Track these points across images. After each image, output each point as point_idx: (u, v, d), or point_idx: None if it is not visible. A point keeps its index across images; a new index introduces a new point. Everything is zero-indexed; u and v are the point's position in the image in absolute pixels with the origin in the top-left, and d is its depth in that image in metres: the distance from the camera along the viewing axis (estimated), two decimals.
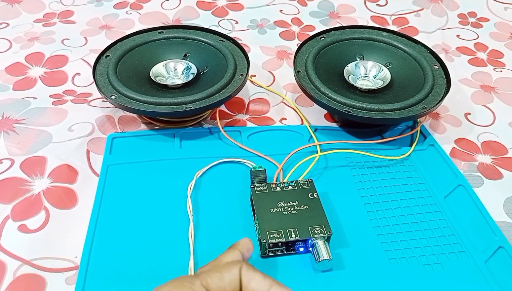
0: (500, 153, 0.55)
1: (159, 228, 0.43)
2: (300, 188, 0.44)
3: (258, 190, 0.43)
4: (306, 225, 0.40)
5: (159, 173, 0.48)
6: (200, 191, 0.47)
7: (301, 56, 0.57)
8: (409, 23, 0.79)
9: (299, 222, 0.40)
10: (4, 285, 0.38)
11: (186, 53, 0.59)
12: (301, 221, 0.40)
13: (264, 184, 0.44)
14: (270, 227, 0.40)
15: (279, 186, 0.44)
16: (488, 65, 0.70)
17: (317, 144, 0.52)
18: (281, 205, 0.42)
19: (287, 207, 0.42)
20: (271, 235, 0.39)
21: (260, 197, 0.43)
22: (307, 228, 0.40)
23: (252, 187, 0.44)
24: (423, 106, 0.51)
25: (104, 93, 0.50)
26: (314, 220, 0.40)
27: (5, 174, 0.48)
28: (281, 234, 0.39)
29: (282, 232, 0.39)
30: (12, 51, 0.67)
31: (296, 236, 0.39)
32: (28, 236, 0.42)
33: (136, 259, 0.40)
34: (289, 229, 0.40)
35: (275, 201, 0.42)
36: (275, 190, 0.43)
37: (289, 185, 0.44)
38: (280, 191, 0.43)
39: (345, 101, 0.50)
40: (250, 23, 0.77)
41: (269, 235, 0.39)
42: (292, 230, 0.40)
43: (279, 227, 0.40)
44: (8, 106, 0.56)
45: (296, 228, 0.40)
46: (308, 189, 0.44)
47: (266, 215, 0.41)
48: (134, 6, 0.80)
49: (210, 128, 0.55)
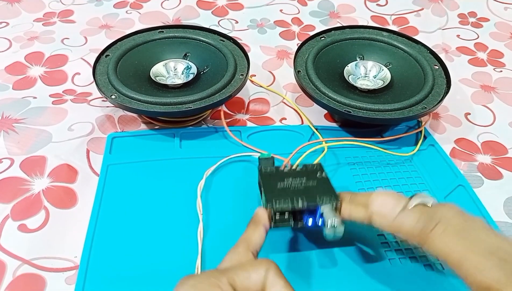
0: (500, 153, 0.55)
1: (159, 227, 0.43)
2: (309, 169, 0.43)
3: (266, 171, 0.43)
4: (314, 195, 0.39)
5: (159, 173, 0.48)
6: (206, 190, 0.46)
7: (301, 56, 0.57)
8: (409, 23, 0.79)
9: (307, 194, 0.39)
10: (4, 285, 0.38)
11: (186, 53, 0.58)
12: (309, 193, 0.39)
13: (272, 167, 0.44)
14: (277, 197, 0.38)
15: (286, 168, 0.43)
16: (488, 65, 0.70)
17: (323, 140, 0.52)
18: (289, 181, 0.41)
19: (295, 182, 0.41)
20: (278, 203, 0.38)
21: (267, 176, 0.42)
22: (314, 197, 0.38)
23: (260, 168, 0.43)
24: (423, 106, 0.51)
25: (104, 92, 0.50)
26: (323, 192, 0.39)
27: (5, 173, 0.48)
28: (287, 202, 0.38)
29: (289, 200, 0.38)
30: (12, 51, 0.67)
31: (303, 204, 0.38)
32: (28, 236, 0.42)
33: (136, 259, 0.40)
34: (296, 197, 0.38)
35: (282, 178, 0.41)
36: (283, 171, 0.43)
37: (297, 168, 0.43)
38: (288, 171, 0.42)
39: (345, 101, 0.50)
40: (250, 23, 0.77)
41: (275, 202, 0.38)
42: (300, 198, 0.38)
43: (286, 196, 0.38)
44: (8, 105, 0.56)
45: (304, 196, 0.38)
46: (317, 170, 0.42)
47: (273, 189, 0.40)
48: (134, 6, 0.80)
49: (210, 128, 0.55)
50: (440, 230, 0.32)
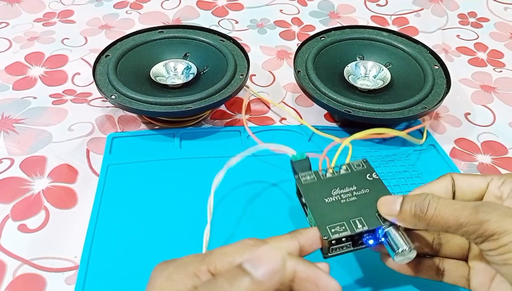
0: (500, 153, 0.55)
1: (159, 228, 0.43)
2: (354, 170, 0.37)
3: (305, 180, 0.36)
4: (372, 211, 0.33)
5: (159, 173, 0.48)
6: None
7: (301, 56, 0.57)
8: (409, 23, 0.79)
9: (362, 209, 0.33)
10: (4, 285, 0.38)
11: (186, 53, 0.59)
12: (365, 208, 0.33)
13: (310, 172, 0.37)
14: (330, 220, 0.33)
15: (328, 171, 0.37)
16: (488, 65, 0.70)
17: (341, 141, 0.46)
18: (337, 193, 0.35)
19: (344, 193, 0.35)
20: (333, 229, 0.32)
21: (309, 188, 0.36)
22: (374, 214, 0.33)
23: (296, 177, 0.37)
24: (423, 106, 0.51)
25: (104, 93, 0.50)
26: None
27: (4, 173, 0.48)
28: (345, 227, 0.32)
29: (345, 224, 0.32)
30: (12, 51, 0.67)
31: (363, 226, 0.32)
32: (28, 236, 0.42)
33: (136, 259, 0.40)
34: (353, 219, 0.33)
35: (328, 189, 0.35)
36: (326, 177, 0.36)
37: (340, 169, 0.37)
38: (331, 177, 0.36)
39: (345, 101, 0.50)
40: (250, 23, 0.77)
41: (330, 230, 0.32)
42: (357, 219, 0.33)
43: (340, 218, 0.33)
44: (8, 106, 0.56)
45: (361, 217, 0.33)
46: (364, 170, 0.37)
47: (321, 207, 0.34)
48: (134, 6, 0.80)
49: (210, 128, 0.55)
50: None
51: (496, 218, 0.28)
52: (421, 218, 0.30)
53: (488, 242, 0.28)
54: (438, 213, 0.29)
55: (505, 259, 0.28)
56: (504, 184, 0.32)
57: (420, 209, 0.30)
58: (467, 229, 0.28)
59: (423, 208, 0.30)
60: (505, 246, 0.27)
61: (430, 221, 0.30)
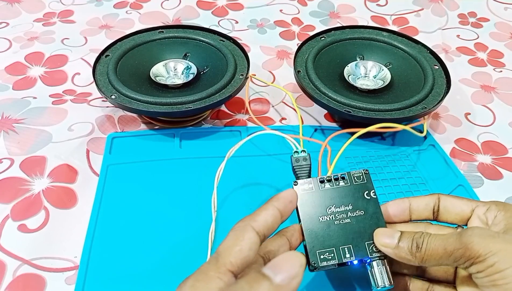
0: (500, 153, 0.55)
1: (159, 228, 0.43)
2: (354, 183, 0.36)
3: (303, 189, 0.36)
4: (362, 240, 0.34)
5: (159, 173, 0.48)
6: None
7: (301, 56, 0.57)
8: (409, 23, 0.79)
9: (354, 235, 0.34)
10: (3, 285, 0.38)
11: (186, 53, 0.58)
12: (357, 234, 0.34)
13: (309, 180, 0.36)
14: (320, 245, 0.34)
15: (328, 181, 0.36)
16: (488, 65, 0.70)
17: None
18: (332, 211, 0.35)
19: (339, 213, 0.35)
20: (322, 256, 0.33)
21: (305, 200, 0.36)
22: (363, 244, 0.34)
23: (295, 184, 0.36)
24: (423, 106, 0.51)
25: (104, 93, 0.50)
26: (372, 232, 0.34)
27: (4, 173, 0.48)
28: (333, 254, 0.33)
29: (334, 252, 0.33)
30: (12, 51, 0.67)
31: (351, 256, 0.33)
32: (28, 236, 0.42)
33: (136, 259, 0.40)
34: (342, 246, 0.34)
35: (324, 205, 0.35)
36: (324, 189, 0.36)
37: (340, 179, 0.36)
38: (329, 189, 0.36)
39: (345, 101, 0.50)
40: (250, 23, 0.77)
41: (319, 256, 0.33)
42: (346, 247, 0.34)
43: (330, 244, 0.34)
44: (8, 106, 0.56)
45: (350, 245, 0.34)
46: (363, 185, 0.36)
47: (314, 226, 0.34)
48: (134, 6, 0.80)
49: (210, 128, 0.55)
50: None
51: (479, 240, 0.29)
52: (416, 254, 0.31)
53: (476, 265, 0.29)
54: (430, 247, 0.31)
55: (493, 280, 0.28)
56: (488, 211, 0.33)
57: (417, 246, 0.31)
58: (455, 255, 0.30)
59: (419, 244, 0.31)
60: (492, 266, 0.28)
61: (424, 256, 0.31)
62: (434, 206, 0.35)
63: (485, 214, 0.33)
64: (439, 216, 0.35)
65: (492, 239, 0.29)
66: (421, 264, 0.31)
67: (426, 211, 0.36)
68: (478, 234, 0.29)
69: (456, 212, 0.35)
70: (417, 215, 0.36)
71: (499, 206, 0.33)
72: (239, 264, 0.27)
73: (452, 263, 0.30)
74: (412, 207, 0.36)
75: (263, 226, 0.30)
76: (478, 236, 0.29)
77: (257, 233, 0.29)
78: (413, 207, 0.36)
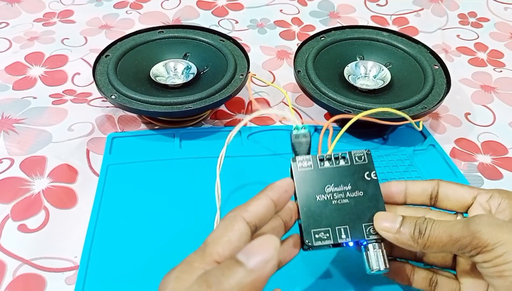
0: (500, 153, 0.55)
1: (159, 227, 0.43)
2: (355, 163, 0.34)
3: (301, 167, 0.34)
4: (360, 222, 0.32)
5: (159, 173, 0.48)
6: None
7: (301, 56, 0.57)
8: (409, 23, 0.79)
9: (351, 216, 0.33)
10: (3, 285, 0.38)
11: (186, 53, 0.59)
12: (354, 215, 0.33)
13: (309, 157, 0.34)
14: (316, 224, 0.32)
15: (328, 160, 0.34)
16: (488, 65, 0.70)
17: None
18: (330, 190, 0.33)
19: (337, 193, 0.33)
20: (316, 235, 0.32)
21: (303, 178, 0.34)
22: (360, 225, 0.32)
23: (293, 161, 0.34)
24: (423, 106, 0.51)
25: (104, 93, 0.50)
26: (370, 215, 0.33)
27: (4, 173, 0.48)
28: (329, 234, 0.32)
29: (330, 231, 0.32)
30: (12, 51, 0.67)
31: (347, 237, 0.32)
32: (28, 236, 0.42)
33: (136, 259, 0.40)
34: (338, 226, 0.32)
35: (322, 183, 0.33)
36: (323, 167, 0.34)
37: (340, 158, 0.34)
38: (329, 168, 0.34)
39: (345, 101, 0.50)
40: (250, 23, 0.77)
41: (314, 235, 0.32)
42: (343, 228, 0.32)
43: (327, 223, 0.32)
44: (8, 106, 0.56)
45: (347, 226, 0.32)
46: (364, 166, 0.34)
47: (310, 205, 0.33)
48: (134, 6, 0.80)
49: (210, 128, 0.55)
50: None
51: (488, 229, 0.28)
52: (418, 240, 0.30)
53: (483, 254, 0.28)
54: (433, 233, 0.30)
55: (499, 271, 0.28)
56: (492, 198, 0.33)
57: (420, 231, 0.30)
58: (461, 243, 0.29)
59: (422, 230, 0.30)
60: (500, 257, 0.27)
61: (427, 242, 0.30)
62: (432, 192, 0.34)
63: (488, 202, 0.32)
64: (438, 202, 0.34)
65: (500, 228, 0.28)
66: (423, 251, 0.30)
67: (423, 196, 0.35)
68: (486, 223, 0.28)
69: (457, 198, 0.34)
70: (412, 199, 0.35)
71: (502, 194, 0.32)
72: (227, 255, 0.27)
73: (456, 251, 0.29)
74: (408, 191, 0.35)
75: (255, 216, 0.29)
76: (487, 224, 0.28)
77: (248, 223, 0.28)
78: (409, 190, 0.35)
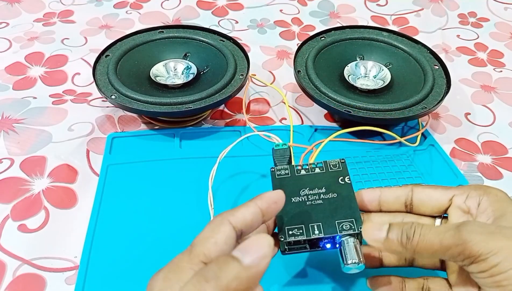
0: (500, 153, 0.55)
1: (159, 227, 0.43)
2: (330, 170, 0.37)
3: (279, 174, 0.37)
4: (332, 219, 0.33)
5: (159, 173, 0.48)
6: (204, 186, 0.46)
7: (301, 56, 0.57)
8: (409, 23, 0.79)
9: (324, 214, 0.34)
10: (3, 284, 0.38)
11: (186, 53, 0.59)
12: (327, 213, 0.34)
13: (286, 167, 0.37)
14: (290, 222, 0.34)
15: (304, 168, 0.37)
16: (488, 65, 0.70)
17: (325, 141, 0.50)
18: (305, 193, 0.35)
19: (312, 195, 0.35)
20: (290, 231, 0.33)
21: (280, 184, 0.36)
22: (333, 222, 0.33)
23: (272, 170, 0.37)
24: (423, 106, 0.51)
25: (104, 93, 0.50)
26: (343, 212, 0.34)
27: (4, 173, 0.48)
28: (302, 231, 0.33)
29: (303, 228, 0.33)
30: (12, 51, 0.67)
31: (320, 233, 0.33)
32: (28, 236, 0.42)
33: (136, 259, 0.40)
34: (312, 224, 0.33)
35: (298, 187, 0.36)
36: (299, 174, 0.37)
37: (316, 167, 0.37)
38: (305, 175, 0.36)
39: (345, 101, 0.50)
40: (250, 23, 0.77)
41: (287, 231, 0.33)
42: (316, 225, 0.33)
43: (300, 221, 0.34)
44: (8, 106, 0.56)
45: (320, 223, 0.33)
46: (339, 172, 0.36)
47: (286, 206, 0.33)
48: (134, 6, 0.80)
49: (210, 128, 0.55)
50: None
51: (479, 238, 0.27)
52: (407, 246, 0.29)
53: (477, 264, 0.27)
54: (423, 238, 0.29)
55: (497, 281, 0.27)
56: (469, 198, 0.32)
57: (407, 236, 0.29)
58: (453, 252, 0.28)
59: (409, 235, 0.29)
60: (495, 266, 0.27)
61: (416, 248, 0.29)
62: (406, 199, 0.34)
63: (465, 203, 0.32)
64: (413, 209, 0.34)
65: (492, 236, 0.27)
66: (414, 256, 0.30)
67: (396, 203, 0.34)
68: (477, 231, 0.28)
69: (432, 204, 0.33)
70: (387, 207, 0.35)
71: (478, 191, 0.32)
72: (213, 256, 0.27)
73: (448, 259, 0.29)
74: (382, 198, 0.35)
75: (241, 222, 0.29)
76: (478, 233, 0.27)
77: (234, 227, 0.28)
78: (383, 198, 0.35)
